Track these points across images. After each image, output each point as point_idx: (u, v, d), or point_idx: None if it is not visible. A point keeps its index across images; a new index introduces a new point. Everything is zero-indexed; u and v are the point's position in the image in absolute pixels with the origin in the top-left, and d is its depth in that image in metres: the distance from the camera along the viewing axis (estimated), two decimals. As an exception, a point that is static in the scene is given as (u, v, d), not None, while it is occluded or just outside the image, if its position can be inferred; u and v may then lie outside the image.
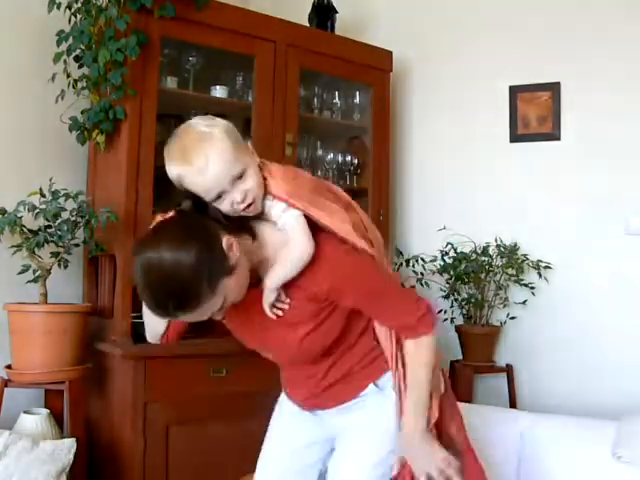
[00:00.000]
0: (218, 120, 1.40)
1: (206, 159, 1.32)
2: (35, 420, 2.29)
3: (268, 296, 1.44)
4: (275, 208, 1.42)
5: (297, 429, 1.69)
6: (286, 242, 1.42)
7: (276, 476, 1.69)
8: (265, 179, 1.42)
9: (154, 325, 1.57)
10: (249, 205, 1.38)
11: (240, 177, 1.36)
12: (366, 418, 1.58)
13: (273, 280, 1.43)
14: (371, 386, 1.57)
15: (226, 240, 1.32)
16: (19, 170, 2.59)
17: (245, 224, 1.43)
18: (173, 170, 1.37)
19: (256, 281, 1.45)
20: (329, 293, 1.44)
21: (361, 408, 1.58)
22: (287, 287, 1.44)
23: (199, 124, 1.37)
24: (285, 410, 1.74)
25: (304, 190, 1.45)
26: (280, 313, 1.46)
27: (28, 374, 2.25)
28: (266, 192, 1.41)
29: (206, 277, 1.27)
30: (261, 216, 1.44)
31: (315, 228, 1.43)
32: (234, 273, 1.33)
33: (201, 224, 1.34)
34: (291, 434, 1.70)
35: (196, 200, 1.38)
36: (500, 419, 2.33)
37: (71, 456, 2.17)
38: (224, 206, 1.37)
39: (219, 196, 1.36)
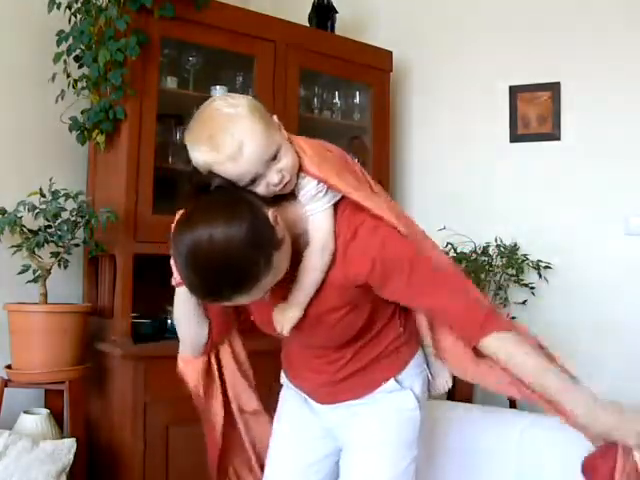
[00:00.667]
0: (240, 97, 1.30)
1: (237, 144, 1.21)
2: (35, 420, 2.29)
3: (293, 314, 1.36)
4: (306, 187, 1.33)
5: (304, 447, 1.59)
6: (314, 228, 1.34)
7: None
8: (297, 154, 1.32)
9: (195, 335, 1.46)
10: (285, 184, 1.29)
11: (274, 157, 1.26)
12: (379, 424, 1.48)
13: (299, 294, 1.35)
14: (391, 381, 1.48)
15: (272, 212, 1.24)
16: (19, 170, 2.59)
17: (277, 198, 1.33)
18: (199, 157, 1.26)
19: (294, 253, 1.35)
20: (369, 278, 1.34)
21: (373, 412, 1.49)
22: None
23: (222, 105, 1.26)
24: (289, 417, 1.62)
25: (335, 167, 1.37)
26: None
27: (28, 374, 2.25)
28: (299, 169, 1.32)
29: (262, 252, 1.18)
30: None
31: (343, 207, 1.36)
32: (283, 246, 1.24)
33: (244, 197, 1.24)
34: (299, 452, 1.59)
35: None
36: (500, 419, 2.33)
37: (71, 456, 2.17)
38: (260, 189, 1.27)
39: (253, 180, 1.26)
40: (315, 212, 1.34)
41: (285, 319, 1.37)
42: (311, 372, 1.54)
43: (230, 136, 1.21)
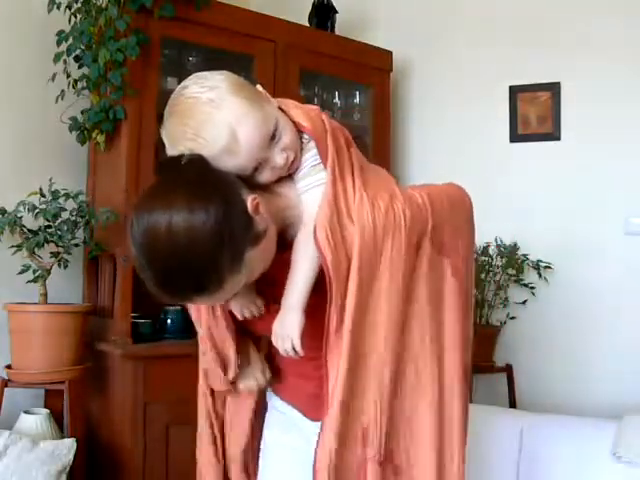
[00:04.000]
0: (214, 75, 1.10)
1: (229, 133, 1.03)
2: (35, 420, 2.29)
3: (292, 320, 1.08)
4: (305, 156, 1.13)
5: None
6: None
7: None
8: (285, 112, 1.14)
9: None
10: (291, 164, 1.11)
11: (274, 136, 1.08)
12: None
13: (292, 294, 1.09)
14: None
15: (251, 200, 1.02)
16: (19, 170, 2.59)
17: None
18: None
19: (282, 246, 1.12)
20: None
21: None
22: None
23: (198, 91, 1.07)
24: (273, 454, 1.38)
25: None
26: (301, 353, 1.10)
27: (28, 374, 2.25)
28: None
29: (229, 249, 0.97)
30: None
31: None
32: (261, 242, 1.03)
33: (218, 176, 1.02)
34: None
35: None
36: (500, 419, 2.33)
37: (71, 456, 2.17)
38: (265, 176, 1.09)
39: (256, 168, 1.08)
40: (311, 187, 1.12)
41: (288, 330, 1.09)
42: (300, 378, 1.30)
43: (219, 125, 1.04)
